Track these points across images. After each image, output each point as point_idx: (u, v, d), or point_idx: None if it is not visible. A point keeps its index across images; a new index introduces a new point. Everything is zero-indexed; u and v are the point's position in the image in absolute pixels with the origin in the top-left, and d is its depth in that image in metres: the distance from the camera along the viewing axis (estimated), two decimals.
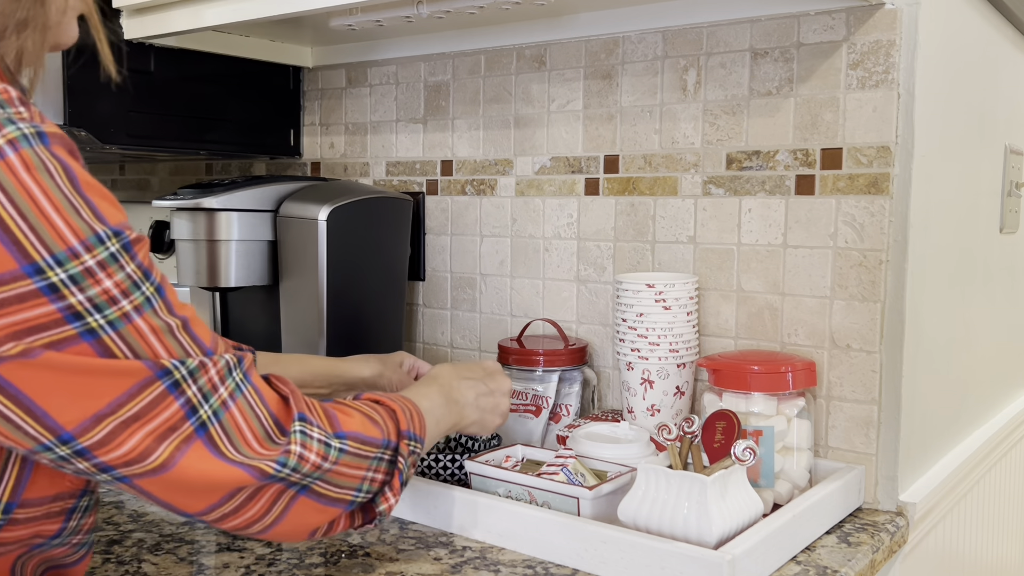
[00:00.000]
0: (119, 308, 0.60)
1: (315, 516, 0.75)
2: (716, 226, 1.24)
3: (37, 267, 0.56)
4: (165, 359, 0.62)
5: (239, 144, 1.64)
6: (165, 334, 0.63)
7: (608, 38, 1.32)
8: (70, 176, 0.59)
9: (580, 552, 0.92)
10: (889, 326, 1.11)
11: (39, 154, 0.57)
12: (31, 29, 0.66)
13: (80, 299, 0.58)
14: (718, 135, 1.23)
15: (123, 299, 0.60)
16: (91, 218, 0.59)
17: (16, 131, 0.57)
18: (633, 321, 1.18)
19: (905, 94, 1.09)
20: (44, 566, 0.72)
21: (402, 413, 0.85)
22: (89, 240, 0.58)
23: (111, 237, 0.60)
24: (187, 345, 0.64)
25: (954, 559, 1.37)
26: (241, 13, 1.18)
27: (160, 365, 0.62)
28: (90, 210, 0.59)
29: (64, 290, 0.57)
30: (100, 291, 0.59)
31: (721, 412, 0.98)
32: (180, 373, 0.63)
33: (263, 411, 0.70)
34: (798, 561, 0.95)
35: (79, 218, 0.58)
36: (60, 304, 0.57)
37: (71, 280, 0.57)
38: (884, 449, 1.12)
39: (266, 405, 0.71)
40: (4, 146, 0.56)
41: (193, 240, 1.31)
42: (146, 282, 0.62)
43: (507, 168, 1.44)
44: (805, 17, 1.15)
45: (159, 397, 0.62)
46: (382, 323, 1.41)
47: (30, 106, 0.60)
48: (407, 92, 1.55)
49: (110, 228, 0.60)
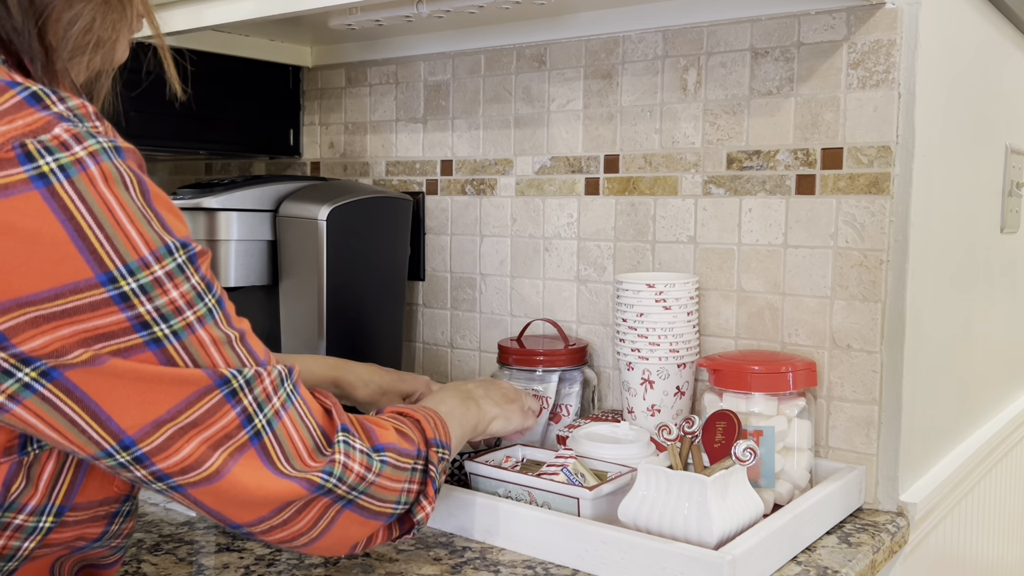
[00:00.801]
0: (184, 319, 0.62)
1: (357, 530, 0.77)
2: (716, 226, 1.24)
3: (111, 276, 0.58)
4: (223, 368, 0.64)
5: (239, 144, 1.64)
6: (224, 345, 0.65)
7: (608, 38, 1.32)
8: (143, 189, 0.61)
9: (580, 552, 0.92)
10: (890, 326, 1.11)
11: (117, 167, 0.59)
12: (105, 48, 0.70)
13: (148, 308, 0.60)
14: (718, 135, 1.23)
15: (187, 310, 0.62)
16: (160, 230, 0.61)
17: (97, 144, 0.59)
18: (633, 321, 1.17)
19: (906, 94, 1.09)
20: (80, 565, 0.74)
21: (426, 422, 0.86)
22: (159, 251, 0.60)
23: (179, 249, 0.62)
24: (244, 356, 0.66)
25: (955, 559, 1.37)
26: (241, 13, 1.18)
27: (219, 373, 0.64)
28: (159, 222, 0.61)
29: (134, 299, 0.59)
30: (167, 301, 0.61)
31: (721, 412, 0.98)
32: (238, 382, 0.65)
33: (312, 422, 0.72)
34: (798, 561, 0.95)
35: (151, 229, 0.60)
36: (130, 313, 0.59)
37: (141, 290, 0.59)
38: (885, 449, 1.12)
39: (314, 416, 0.72)
40: (86, 158, 0.58)
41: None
42: (208, 294, 0.64)
43: (507, 168, 1.44)
44: (805, 17, 1.15)
45: (217, 405, 0.64)
46: (382, 323, 1.40)
47: (105, 121, 0.62)
48: (407, 92, 1.55)
49: (178, 240, 0.62)
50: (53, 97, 0.59)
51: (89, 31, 0.67)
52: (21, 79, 0.60)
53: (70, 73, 0.68)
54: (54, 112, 0.58)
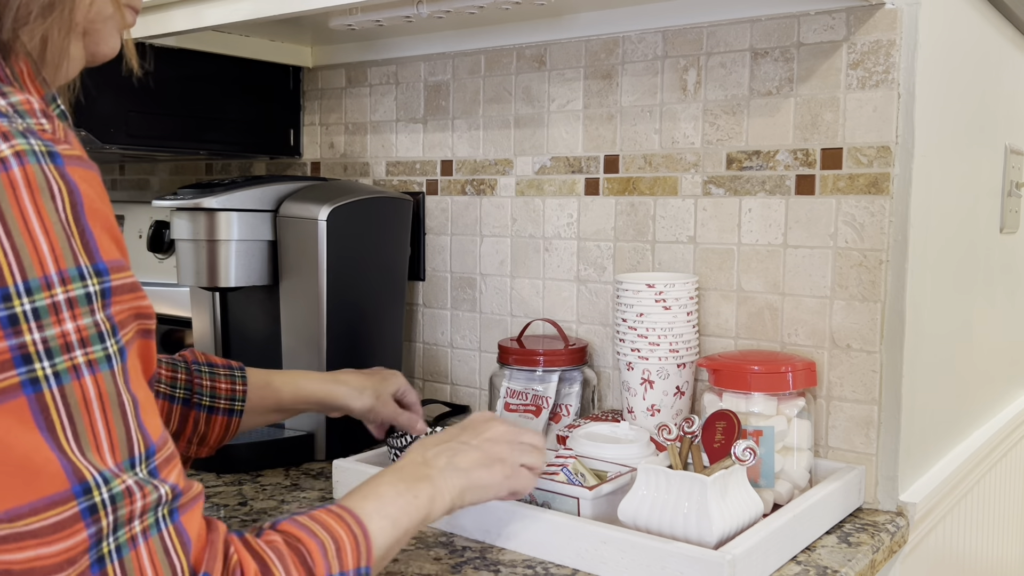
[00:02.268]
0: (71, 358, 0.53)
1: None
2: (716, 226, 1.24)
3: (6, 292, 0.51)
4: (88, 469, 0.53)
5: (239, 144, 1.64)
6: (113, 408, 0.55)
7: (608, 38, 1.32)
8: (74, 201, 0.54)
9: (580, 552, 0.92)
10: (889, 326, 1.11)
11: (46, 173, 0.53)
12: (57, 13, 0.61)
13: (35, 338, 0.52)
14: (718, 135, 1.23)
15: (78, 348, 0.53)
16: (79, 248, 0.54)
17: (25, 144, 0.53)
18: (633, 321, 1.18)
19: (905, 94, 1.09)
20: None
21: (318, 550, 0.66)
22: (68, 271, 0.53)
23: (92, 275, 0.54)
24: (133, 433, 0.56)
25: (954, 559, 1.37)
26: (241, 13, 1.18)
27: (81, 478, 0.53)
28: (82, 240, 0.54)
29: (23, 324, 0.51)
30: (58, 333, 0.52)
31: (721, 412, 0.98)
32: (101, 496, 0.53)
33: (180, 557, 0.58)
34: (798, 561, 0.95)
35: (67, 245, 0.53)
36: (14, 341, 0.51)
37: (33, 314, 0.51)
38: (884, 449, 1.12)
39: (188, 551, 0.58)
40: (10, 158, 0.52)
41: (193, 240, 1.31)
42: (112, 337, 0.55)
43: (507, 168, 1.44)
44: (805, 17, 1.15)
45: (68, 521, 0.53)
46: (382, 323, 1.41)
47: (55, 120, 0.56)
48: (407, 92, 1.55)
49: (97, 264, 0.54)
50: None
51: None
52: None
53: (17, 45, 0.60)
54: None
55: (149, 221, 1.69)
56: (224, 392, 1.04)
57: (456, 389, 1.52)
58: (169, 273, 1.62)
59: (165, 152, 1.62)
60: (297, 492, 1.17)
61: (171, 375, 1.02)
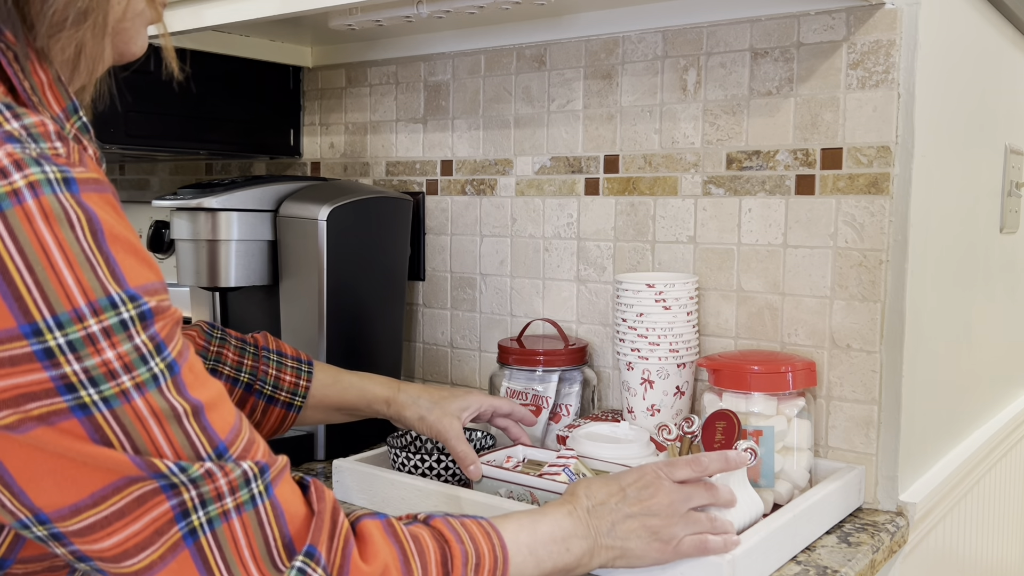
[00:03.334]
0: (118, 384, 0.53)
1: None
2: (716, 226, 1.24)
3: (36, 328, 0.50)
4: (161, 461, 0.54)
5: (239, 144, 1.64)
6: (169, 420, 0.55)
7: (608, 38, 1.32)
8: (94, 228, 0.53)
9: None
10: (889, 326, 1.11)
11: (63, 202, 0.52)
12: (91, 21, 0.60)
13: (75, 368, 0.51)
14: (718, 135, 1.23)
15: (123, 374, 0.53)
16: (107, 277, 0.53)
17: (40, 174, 0.51)
18: (633, 321, 1.18)
19: (905, 94, 1.09)
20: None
21: (459, 553, 0.68)
22: (99, 302, 0.52)
23: (125, 302, 0.53)
24: (195, 437, 0.56)
25: (954, 559, 1.37)
26: (241, 13, 1.18)
27: (153, 467, 0.54)
28: (108, 268, 0.53)
29: (60, 356, 0.51)
30: (99, 362, 0.52)
31: (721, 412, 0.98)
32: (178, 479, 0.55)
33: (275, 530, 0.59)
34: (798, 561, 0.95)
35: (94, 276, 0.52)
36: (54, 372, 0.51)
37: (69, 346, 0.51)
38: (884, 449, 1.12)
39: (283, 523, 0.60)
40: (24, 189, 0.51)
41: (193, 240, 1.31)
42: (156, 356, 0.55)
43: (507, 168, 1.44)
44: (805, 17, 1.15)
45: (148, 495, 0.54)
46: (382, 323, 1.41)
47: (69, 142, 0.55)
48: (407, 92, 1.55)
49: (127, 291, 0.54)
50: (7, 113, 0.53)
51: (70, 3, 0.59)
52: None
53: (51, 53, 0.60)
54: (2, 131, 0.52)
55: (149, 221, 1.69)
56: (287, 384, 1.04)
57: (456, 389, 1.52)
58: (169, 273, 1.62)
59: (165, 152, 1.62)
60: None
61: (238, 359, 1.03)
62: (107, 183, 0.56)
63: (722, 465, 0.87)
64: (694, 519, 0.83)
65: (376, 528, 0.65)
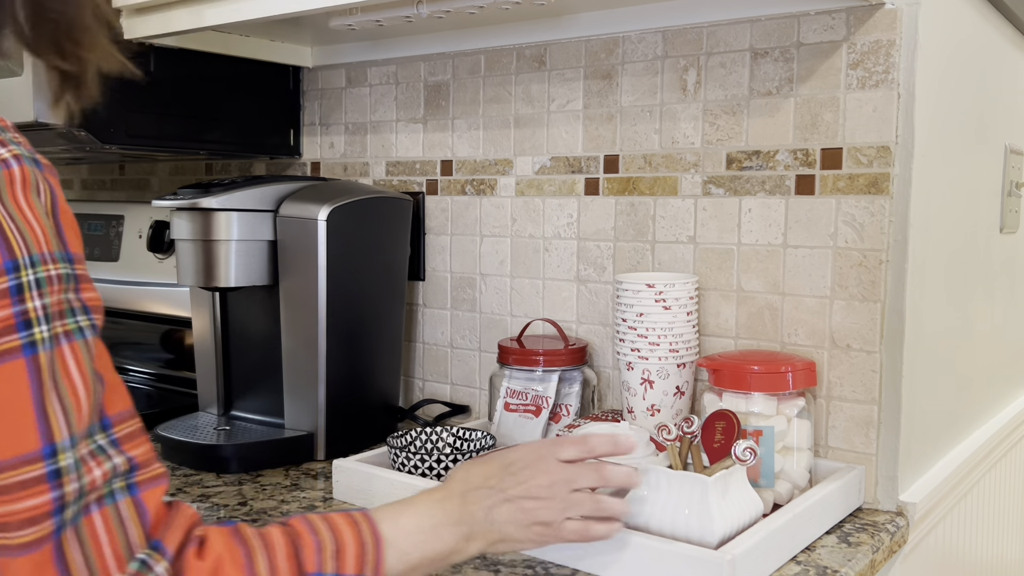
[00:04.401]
0: (62, 324, 0.59)
1: None
2: (716, 226, 1.24)
3: (16, 264, 0.58)
4: (63, 430, 0.58)
5: (239, 144, 1.64)
6: (89, 376, 0.60)
7: (608, 38, 1.32)
8: (54, 202, 0.62)
9: (580, 552, 0.92)
10: (889, 326, 1.11)
11: (35, 174, 0.61)
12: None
13: (36, 304, 0.58)
14: (718, 135, 1.23)
15: (67, 316, 0.60)
16: (56, 240, 0.61)
17: (19, 150, 0.61)
18: (633, 321, 1.18)
19: (905, 94, 1.09)
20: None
21: (312, 547, 0.66)
22: (56, 254, 0.60)
23: (72, 261, 0.62)
24: (96, 405, 0.61)
25: (954, 559, 1.37)
26: (241, 13, 1.18)
27: (51, 440, 0.57)
28: (56, 232, 0.61)
29: (27, 292, 0.58)
30: (55, 301, 0.59)
31: (721, 412, 0.98)
32: (66, 460, 0.58)
33: (136, 528, 0.61)
34: (798, 561, 0.95)
35: (54, 235, 0.61)
36: (19, 308, 0.57)
37: (36, 283, 0.58)
38: (884, 449, 1.12)
39: (144, 523, 0.61)
40: (10, 159, 0.60)
41: (193, 240, 1.31)
42: (83, 315, 0.61)
43: (507, 168, 1.44)
44: (805, 17, 1.15)
45: (34, 480, 0.57)
46: (382, 323, 1.41)
47: (22, 136, 0.63)
48: (407, 92, 1.55)
49: (68, 253, 0.62)
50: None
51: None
52: None
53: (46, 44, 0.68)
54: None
55: (149, 221, 1.69)
56: None
57: (456, 389, 1.52)
58: (169, 273, 1.62)
59: (165, 152, 1.62)
60: (297, 492, 1.17)
61: None
62: (55, 170, 0.64)
63: (610, 448, 0.83)
64: (576, 501, 0.80)
65: (218, 531, 0.66)
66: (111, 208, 1.83)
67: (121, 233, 1.78)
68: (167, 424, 1.35)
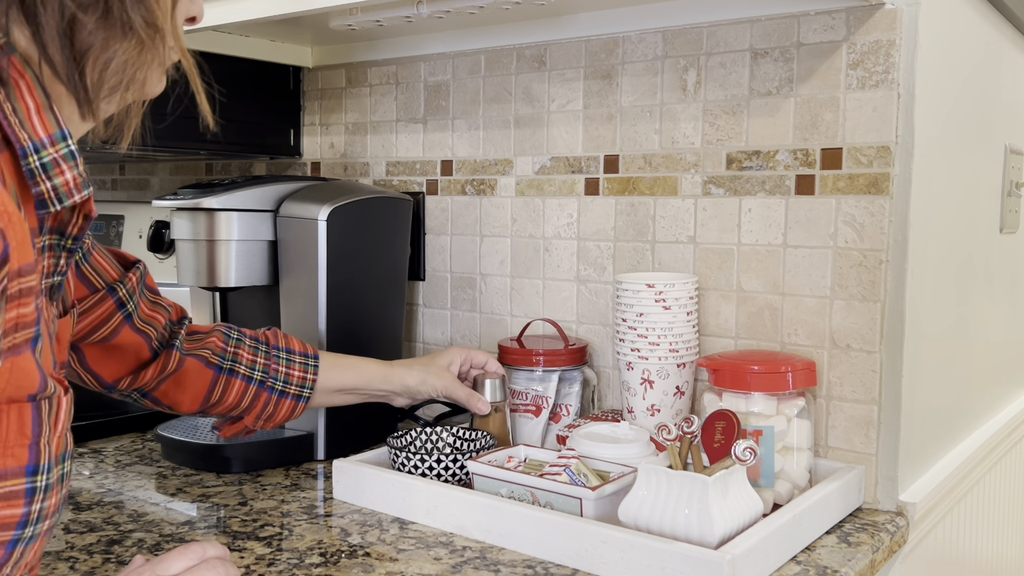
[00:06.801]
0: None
1: None
2: (716, 226, 1.24)
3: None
4: (41, 453, 0.62)
5: (239, 144, 1.64)
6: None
7: (608, 38, 1.32)
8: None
9: (580, 552, 0.92)
10: (889, 326, 1.12)
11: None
12: (137, 84, 0.70)
13: None
14: (718, 135, 1.23)
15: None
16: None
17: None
18: (633, 321, 1.18)
19: (905, 94, 1.09)
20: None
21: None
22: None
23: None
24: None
25: (954, 559, 1.37)
26: (241, 13, 1.19)
27: (36, 458, 0.62)
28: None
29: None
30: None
31: (721, 412, 0.98)
32: (43, 480, 0.63)
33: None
34: (798, 561, 0.95)
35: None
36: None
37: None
38: (884, 449, 1.12)
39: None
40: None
41: (193, 240, 1.31)
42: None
43: (507, 168, 1.44)
44: (805, 17, 1.15)
45: (15, 493, 0.62)
46: (382, 323, 1.41)
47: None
48: (407, 92, 1.55)
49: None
50: None
51: (124, 71, 0.68)
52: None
53: (103, 110, 0.70)
54: None
55: (149, 221, 1.69)
56: (296, 379, 1.14)
57: None
58: (169, 273, 1.62)
59: (166, 152, 1.62)
60: (297, 492, 1.17)
61: (252, 358, 1.13)
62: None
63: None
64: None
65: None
66: (111, 208, 1.83)
67: (121, 233, 1.78)
68: (167, 424, 1.35)
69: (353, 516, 1.08)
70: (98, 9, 0.65)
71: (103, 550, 0.97)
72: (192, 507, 1.12)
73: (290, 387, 1.14)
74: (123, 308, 0.99)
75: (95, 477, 1.23)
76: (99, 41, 0.66)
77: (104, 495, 1.15)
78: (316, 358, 1.16)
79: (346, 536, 1.02)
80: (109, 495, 1.15)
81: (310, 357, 1.16)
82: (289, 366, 1.15)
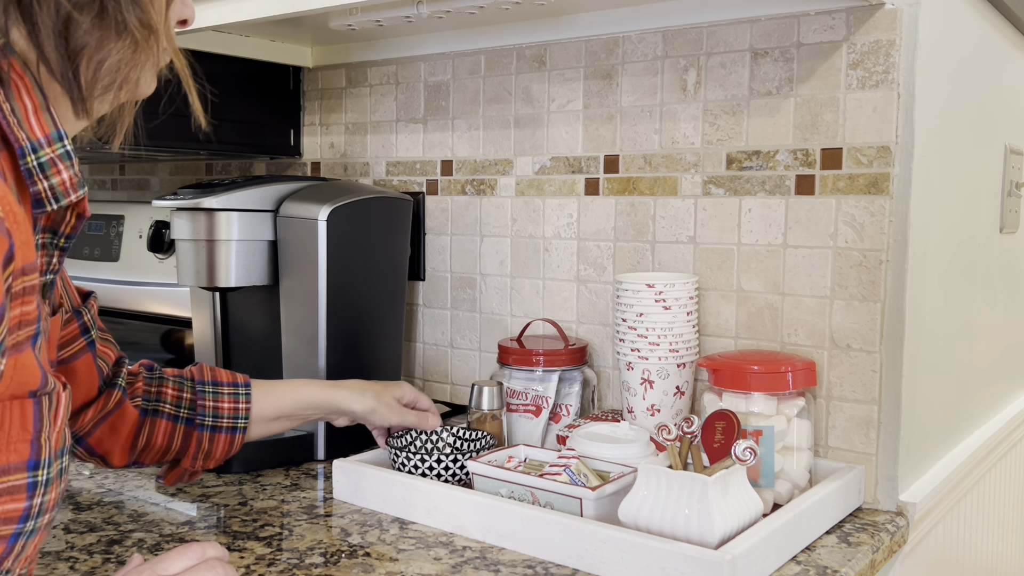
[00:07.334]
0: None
1: None
2: (716, 226, 1.24)
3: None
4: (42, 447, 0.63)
5: (239, 144, 1.64)
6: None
7: (608, 38, 1.32)
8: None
9: (580, 552, 0.92)
10: (889, 326, 1.12)
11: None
12: (130, 84, 0.71)
13: None
14: (718, 135, 1.23)
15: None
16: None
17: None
18: (633, 321, 1.18)
19: (905, 94, 1.09)
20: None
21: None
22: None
23: None
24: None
25: (954, 559, 1.37)
26: (241, 13, 1.19)
27: (38, 452, 0.63)
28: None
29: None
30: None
31: (721, 412, 0.98)
32: (44, 474, 0.64)
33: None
34: (798, 561, 0.95)
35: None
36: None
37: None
38: (884, 449, 1.12)
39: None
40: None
41: (193, 240, 1.31)
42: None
43: (507, 168, 1.44)
44: (805, 17, 1.15)
45: (17, 487, 0.62)
46: (382, 323, 1.41)
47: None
48: (407, 92, 1.55)
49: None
50: None
51: (117, 70, 0.68)
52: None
53: (96, 109, 0.70)
54: None
55: (149, 221, 1.69)
56: (227, 411, 1.07)
57: (456, 389, 1.53)
58: (169, 273, 1.62)
59: (165, 152, 1.62)
60: (297, 492, 1.17)
61: (177, 395, 1.06)
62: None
63: None
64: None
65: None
66: (111, 208, 1.83)
67: (121, 233, 1.78)
68: None
69: (353, 516, 1.08)
70: (93, 9, 0.66)
71: (103, 550, 0.97)
72: (192, 507, 1.12)
73: (221, 420, 1.06)
74: (87, 334, 0.94)
75: (95, 477, 1.23)
76: (94, 40, 0.66)
77: (104, 495, 1.15)
78: (247, 386, 1.09)
79: (346, 536, 1.02)
80: (109, 495, 1.15)
81: (240, 386, 1.09)
82: (217, 399, 1.07)
